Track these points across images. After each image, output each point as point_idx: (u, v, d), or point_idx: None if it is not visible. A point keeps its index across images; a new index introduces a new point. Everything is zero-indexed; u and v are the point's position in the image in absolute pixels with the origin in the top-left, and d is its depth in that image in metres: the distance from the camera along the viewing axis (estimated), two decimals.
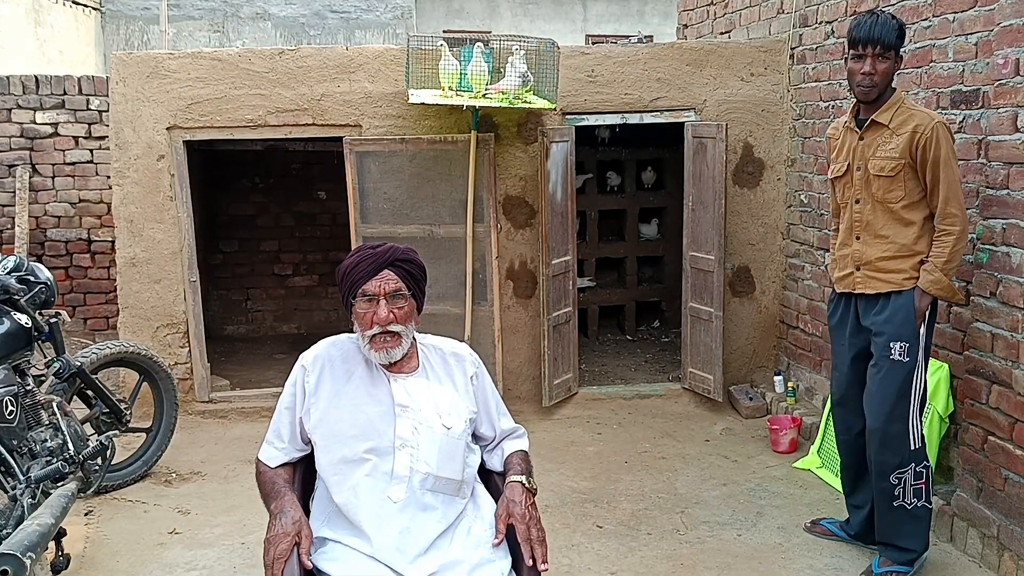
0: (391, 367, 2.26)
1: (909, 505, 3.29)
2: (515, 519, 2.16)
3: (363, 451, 2.16)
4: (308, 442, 2.26)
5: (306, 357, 2.29)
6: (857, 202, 3.32)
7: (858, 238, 3.33)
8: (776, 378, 5.41)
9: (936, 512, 3.74)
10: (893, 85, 3.32)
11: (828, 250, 4.88)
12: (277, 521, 2.09)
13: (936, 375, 3.88)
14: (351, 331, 2.31)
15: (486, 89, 4.86)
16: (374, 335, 2.21)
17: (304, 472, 2.32)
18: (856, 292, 3.36)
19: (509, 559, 2.19)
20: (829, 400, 4.59)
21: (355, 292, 2.22)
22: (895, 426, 3.24)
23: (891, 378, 3.25)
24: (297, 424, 2.25)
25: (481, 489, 2.35)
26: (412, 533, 2.11)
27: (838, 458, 3.78)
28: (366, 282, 2.21)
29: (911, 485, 3.28)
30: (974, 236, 3.64)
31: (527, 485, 2.25)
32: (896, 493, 3.27)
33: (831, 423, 4.53)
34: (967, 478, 3.62)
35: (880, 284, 3.28)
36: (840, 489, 4.20)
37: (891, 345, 3.23)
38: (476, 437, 2.39)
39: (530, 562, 2.11)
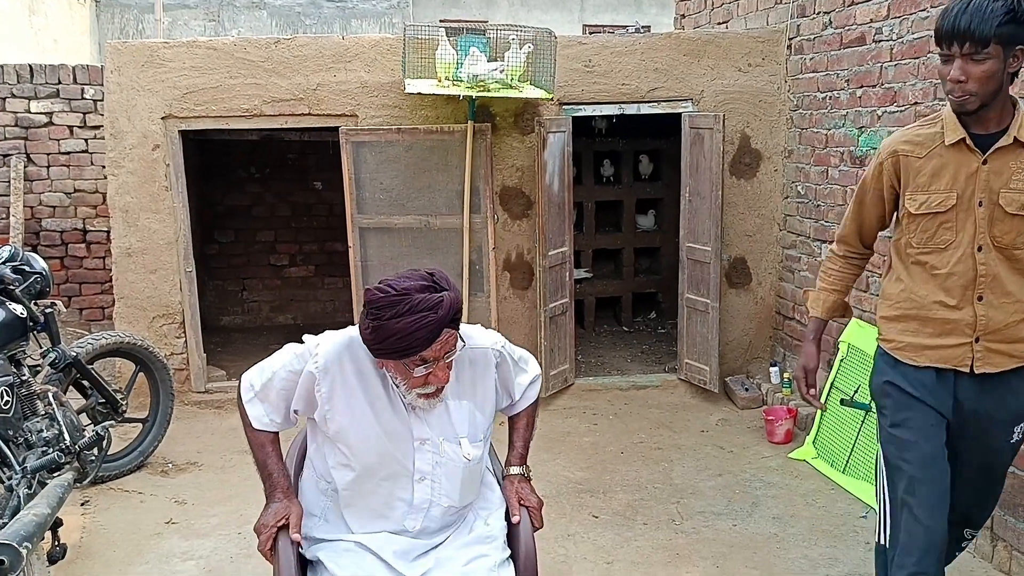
0: None
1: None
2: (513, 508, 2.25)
3: (380, 477, 2.08)
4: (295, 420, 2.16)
5: (317, 361, 2.03)
6: (979, 249, 2.39)
7: (980, 298, 2.40)
8: (772, 369, 5.42)
9: None
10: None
11: (825, 241, 4.89)
12: (267, 508, 2.13)
13: None
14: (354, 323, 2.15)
15: (484, 78, 4.84)
16: (423, 394, 2.02)
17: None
18: (966, 370, 2.44)
19: (506, 551, 2.19)
20: (824, 393, 4.60)
21: (409, 356, 1.93)
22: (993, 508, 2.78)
23: (1003, 464, 2.63)
24: (291, 412, 2.12)
25: (489, 477, 2.31)
26: (417, 544, 2.13)
27: (842, 456, 3.75)
28: (426, 348, 1.92)
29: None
30: None
31: (525, 474, 2.31)
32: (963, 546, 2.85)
33: (826, 414, 4.55)
34: None
35: (1007, 360, 2.43)
36: (834, 479, 4.22)
37: (1014, 429, 2.52)
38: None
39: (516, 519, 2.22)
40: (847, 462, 4.27)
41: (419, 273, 1.98)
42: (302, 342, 2.13)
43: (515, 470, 2.30)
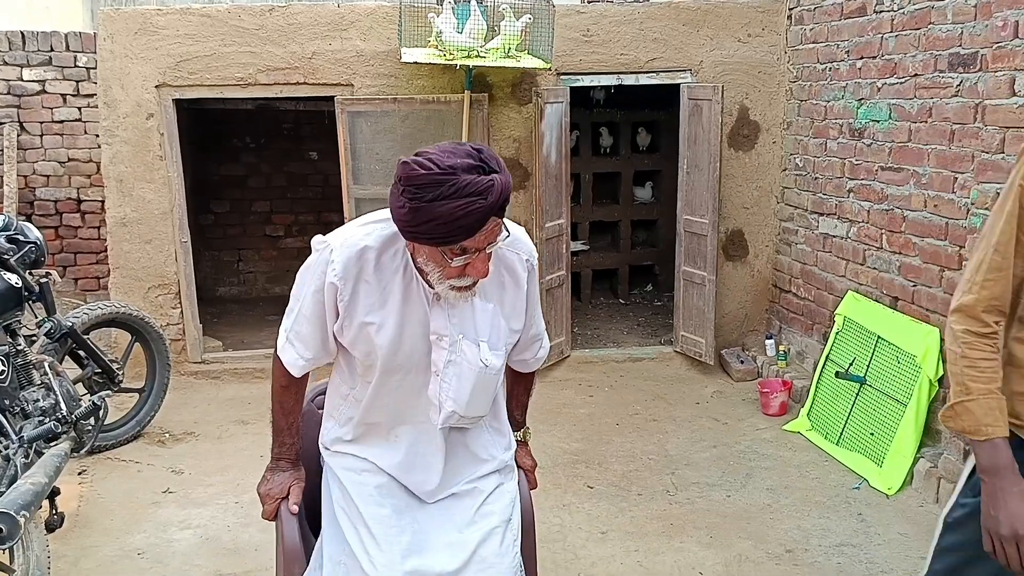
0: None
1: None
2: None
3: (402, 372, 1.93)
4: (334, 348, 1.98)
5: (335, 268, 1.83)
6: None
7: None
8: (767, 342, 5.43)
9: (923, 474, 3.79)
10: None
11: (822, 214, 4.88)
12: (273, 476, 2.17)
13: (926, 340, 3.91)
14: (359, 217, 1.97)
15: (481, 47, 4.79)
16: (457, 285, 1.80)
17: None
18: None
19: (517, 488, 2.13)
20: (820, 365, 4.62)
21: (448, 243, 1.71)
22: None
23: None
24: (329, 334, 1.92)
25: (506, 427, 2.19)
26: (426, 455, 2.00)
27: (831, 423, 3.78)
28: (469, 237, 1.70)
29: None
30: (969, 201, 3.64)
31: (523, 438, 2.26)
32: None
33: (821, 386, 4.57)
34: (954, 441, 3.67)
35: None
36: (828, 451, 4.25)
37: None
38: None
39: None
40: (841, 434, 4.29)
41: (464, 148, 1.72)
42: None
43: (516, 433, 2.23)
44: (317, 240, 1.94)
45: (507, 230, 1.80)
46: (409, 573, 1.87)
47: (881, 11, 4.30)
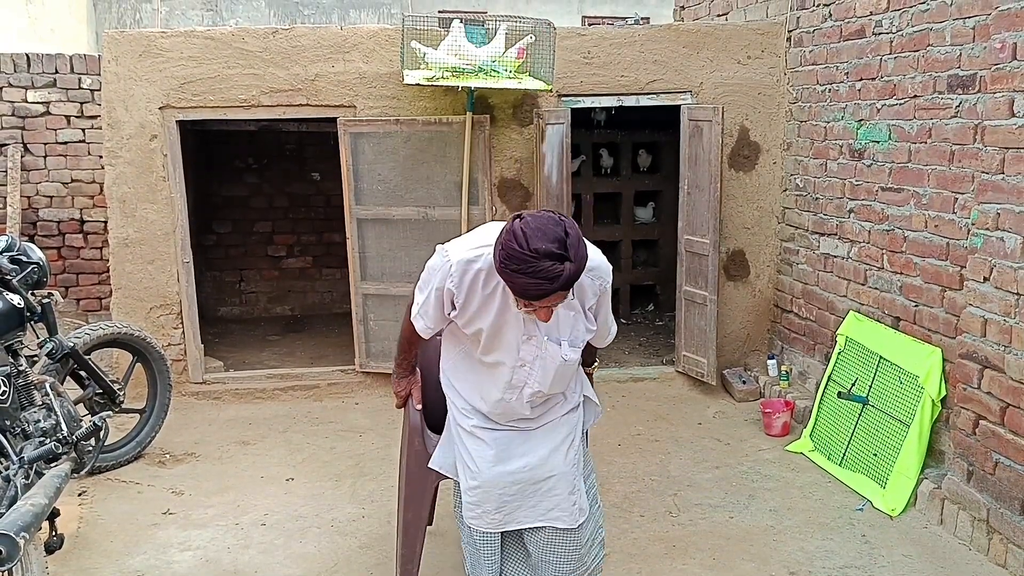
0: None
1: None
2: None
3: (492, 359, 2.54)
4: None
5: (453, 272, 2.40)
6: None
7: None
8: (769, 362, 5.42)
9: (927, 495, 3.77)
10: None
11: (823, 234, 4.90)
12: (399, 380, 2.91)
13: (928, 360, 3.90)
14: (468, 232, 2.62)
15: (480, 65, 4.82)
16: (529, 311, 2.35)
17: None
18: None
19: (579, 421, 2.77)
20: (822, 386, 4.61)
21: (521, 297, 2.28)
22: None
23: None
24: (446, 316, 2.53)
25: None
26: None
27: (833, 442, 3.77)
28: (535, 300, 2.25)
29: None
30: (969, 222, 3.65)
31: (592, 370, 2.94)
32: None
33: (823, 406, 4.56)
34: (958, 462, 3.65)
35: None
36: (831, 472, 4.23)
37: None
38: None
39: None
40: (844, 455, 4.27)
41: (556, 231, 2.18)
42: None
43: (589, 367, 2.90)
44: (440, 248, 2.49)
45: (573, 294, 2.39)
46: (496, 475, 2.60)
47: (880, 33, 4.33)
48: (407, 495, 3.02)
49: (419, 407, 2.91)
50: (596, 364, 2.99)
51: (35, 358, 3.75)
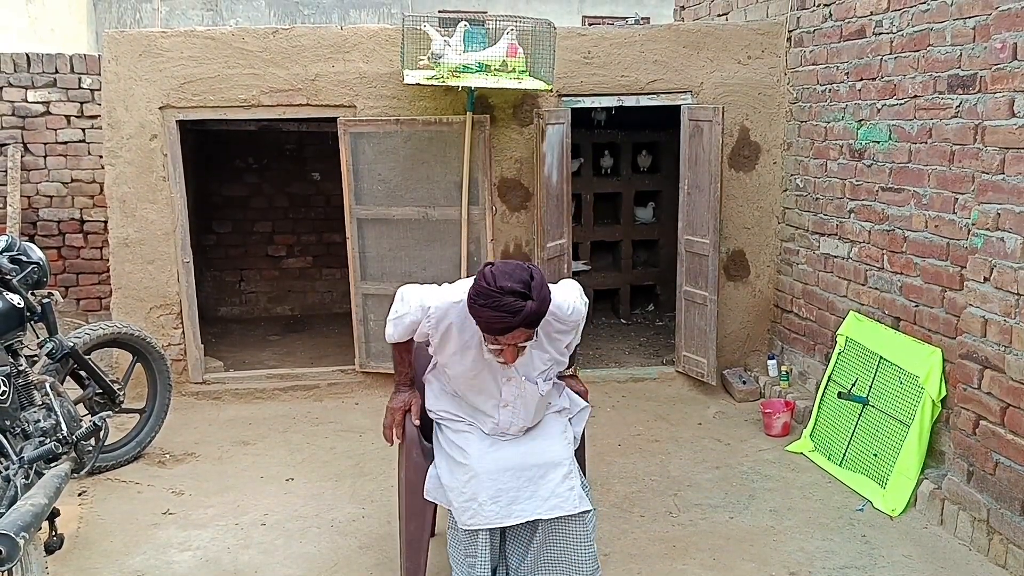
0: None
1: None
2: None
3: (474, 397, 2.80)
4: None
5: (430, 320, 2.69)
6: None
7: None
8: (770, 362, 5.42)
9: (927, 495, 3.76)
10: None
11: (823, 234, 4.90)
12: (396, 396, 2.98)
13: (929, 360, 3.90)
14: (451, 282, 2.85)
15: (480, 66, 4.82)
16: (499, 360, 2.64)
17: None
18: None
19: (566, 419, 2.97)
20: (822, 386, 4.61)
21: (487, 333, 2.55)
22: None
23: None
24: (413, 336, 2.81)
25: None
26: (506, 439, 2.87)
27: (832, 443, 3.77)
28: (499, 335, 2.52)
29: None
30: (969, 222, 3.65)
31: (573, 373, 3.09)
32: None
33: (824, 407, 4.56)
34: (958, 462, 3.65)
35: None
36: (831, 472, 4.23)
37: None
38: None
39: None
40: (844, 455, 4.27)
41: (521, 274, 2.47)
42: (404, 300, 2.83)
43: (567, 371, 3.02)
44: (419, 296, 2.77)
45: (537, 335, 2.65)
46: (489, 460, 2.74)
47: (880, 33, 4.33)
48: (408, 509, 3.03)
49: (417, 422, 2.96)
50: (575, 367, 3.10)
51: (35, 358, 3.75)
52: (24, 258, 3.64)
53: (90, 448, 3.70)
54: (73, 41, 13.18)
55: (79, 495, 4.01)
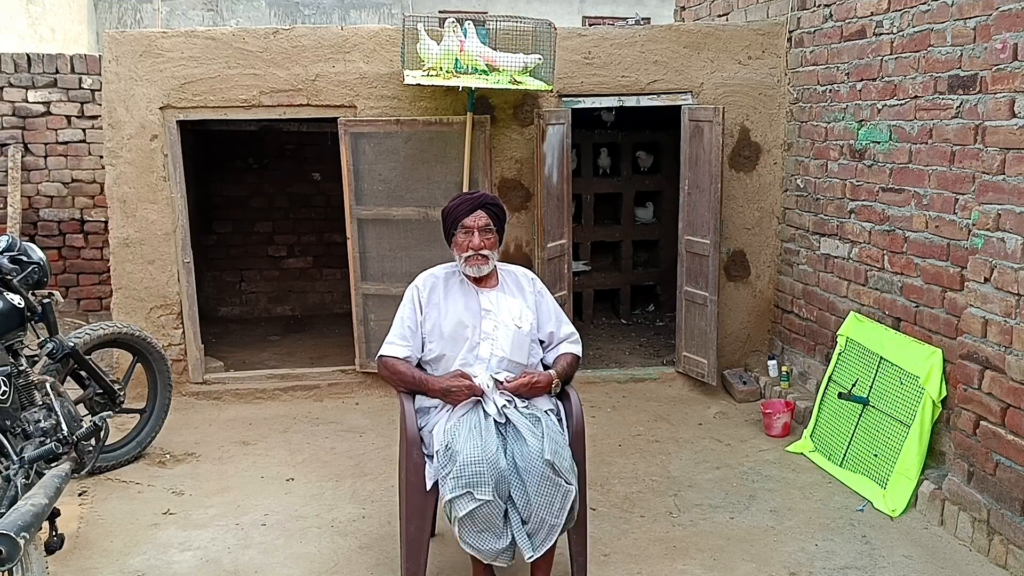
0: (478, 283, 3.17)
1: None
2: (524, 378, 3.06)
3: (458, 342, 3.09)
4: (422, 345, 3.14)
5: (418, 281, 3.18)
6: None
7: None
8: (770, 362, 5.42)
9: (928, 496, 3.76)
10: None
11: (824, 235, 4.90)
12: (448, 381, 3.02)
13: (929, 360, 3.90)
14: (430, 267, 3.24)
15: (483, 67, 4.82)
16: (469, 256, 3.09)
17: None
18: None
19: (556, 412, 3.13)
20: (822, 386, 4.61)
21: (456, 225, 3.11)
22: None
23: None
24: (419, 327, 3.13)
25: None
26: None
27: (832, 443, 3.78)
28: (464, 217, 3.08)
29: None
30: (970, 222, 3.65)
31: (553, 377, 3.12)
32: None
33: (824, 407, 4.56)
34: (958, 462, 3.65)
35: None
36: (831, 473, 4.23)
37: None
38: (540, 341, 3.25)
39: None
40: (844, 455, 4.27)
41: (476, 192, 3.33)
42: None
43: (551, 370, 3.16)
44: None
45: (499, 237, 3.18)
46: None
47: (881, 34, 4.33)
48: (408, 509, 3.05)
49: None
50: (556, 382, 3.16)
51: (35, 358, 3.75)
52: (24, 258, 3.64)
53: (90, 448, 3.70)
54: (73, 41, 13.19)
55: (79, 495, 4.01)
